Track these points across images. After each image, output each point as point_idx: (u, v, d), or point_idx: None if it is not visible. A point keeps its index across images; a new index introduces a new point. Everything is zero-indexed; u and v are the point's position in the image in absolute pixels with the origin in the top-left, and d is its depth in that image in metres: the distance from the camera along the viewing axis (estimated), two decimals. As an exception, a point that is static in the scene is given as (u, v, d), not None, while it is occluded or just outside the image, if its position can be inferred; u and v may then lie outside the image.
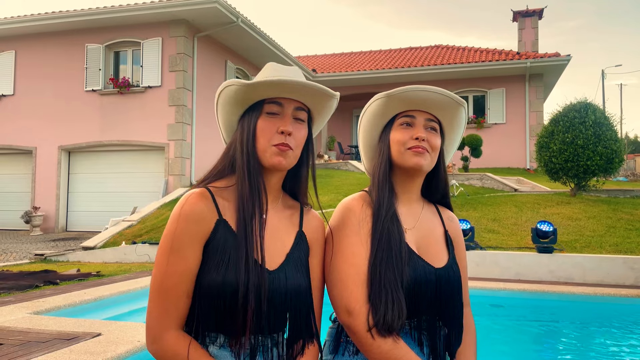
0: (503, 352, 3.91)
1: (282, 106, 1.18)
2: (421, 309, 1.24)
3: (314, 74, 17.13)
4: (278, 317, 1.13)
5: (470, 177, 12.13)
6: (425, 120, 1.31)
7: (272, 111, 1.18)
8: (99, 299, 4.70)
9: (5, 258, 8.07)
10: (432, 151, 1.30)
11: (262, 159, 1.16)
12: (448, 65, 16.03)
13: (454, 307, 1.28)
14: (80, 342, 3.09)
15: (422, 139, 1.28)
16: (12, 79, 12.84)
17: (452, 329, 1.28)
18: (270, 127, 1.16)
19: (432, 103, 1.30)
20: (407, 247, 1.26)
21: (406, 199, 1.35)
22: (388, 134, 1.35)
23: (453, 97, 1.29)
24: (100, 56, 12.21)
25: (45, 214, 12.04)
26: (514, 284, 5.46)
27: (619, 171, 10.91)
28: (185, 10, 11.09)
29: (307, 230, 1.27)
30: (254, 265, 1.09)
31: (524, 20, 17.85)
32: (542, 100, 16.29)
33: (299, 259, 1.20)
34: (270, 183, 1.22)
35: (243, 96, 1.19)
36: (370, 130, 1.40)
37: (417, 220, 1.35)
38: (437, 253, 1.32)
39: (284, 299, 1.13)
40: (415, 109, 1.32)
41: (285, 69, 1.21)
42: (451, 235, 1.40)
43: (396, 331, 1.15)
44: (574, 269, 5.75)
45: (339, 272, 1.22)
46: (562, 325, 4.68)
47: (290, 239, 1.22)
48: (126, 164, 12.16)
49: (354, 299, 1.19)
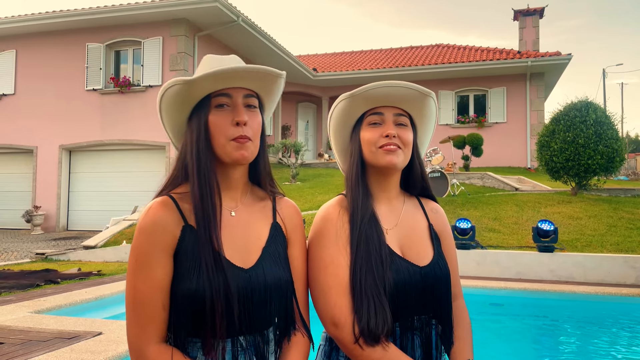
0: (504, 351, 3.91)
1: (231, 97, 1.12)
2: (410, 310, 1.22)
3: (315, 73, 17.12)
4: (262, 314, 1.10)
5: (471, 176, 12.12)
6: (394, 116, 1.28)
7: (221, 103, 1.12)
8: (100, 298, 4.70)
9: (6, 257, 8.08)
10: (405, 147, 1.27)
11: (222, 156, 1.11)
12: (449, 64, 16.01)
13: (446, 304, 1.27)
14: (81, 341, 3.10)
15: (393, 135, 1.24)
16: (13, 78, 12.86)
17: (445, 326, 1.27)
18: (223, 120, 1.11)
19: (398, 97, 1.27)
20: (388, 250, 1.23)
21: (385, 197, 1.32)
22: (358, 133, 1.31)
23: (418, 88, 1.26)
24: (101, 55, 12.22)
25: (46, 213, 12.05)
26: (515, 283, 5.45)
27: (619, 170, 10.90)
28: (185, 9, 11.09)
29: (282, 220, 1.23)
30: (221, 267, 1.05)
31: (524, 19, 17.83)
32: (543, 99, 16.27)
33: (276, 252, 1.17)
34: (234, 178, 1.17)
35: (187, 95, 1.12)
36: (340, 131, 1.37)
37: (399, 218, 1.32)
38: (422, 250, 1.29)
39: (264, 296, 1.09)
40: (382, 105, 1.28)
41: (223, 59, 1.16)
42: (436, 228, 1.36)
43: (384, 337, 1.13)
44: (575, 268, 5.75)
45: (321, 284, 1.20)
46: (562, 324, 4.68)
47: (265, 233, 1.18)
48: (127, 163, 12.17)
49: (339, 311, 1.16)
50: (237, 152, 1.10)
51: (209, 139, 1.12)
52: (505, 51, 16.98)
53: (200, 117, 1.12)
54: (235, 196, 1.19)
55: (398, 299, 1.19)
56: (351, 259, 1.20)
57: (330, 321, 1.18)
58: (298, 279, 1.21)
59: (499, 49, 17.51)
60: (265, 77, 1.15)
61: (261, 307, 1.10)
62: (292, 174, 12.37)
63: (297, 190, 10.71)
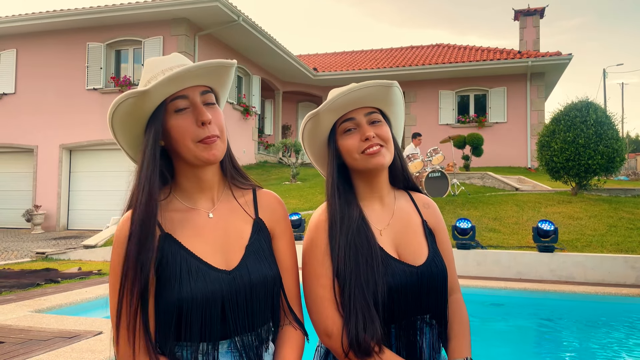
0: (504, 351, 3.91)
1: (188, 98, 1.07)
2: (407, 311, 1.21)
3: (315, 73, 17.11)
4: (251, 313, 1.08)
5: (472, 176, 12.12)
6: (365, 116, 1.26)
7: (180, 107, 1.07)
8: (100, 297, 4.70)
9: (6, 256, 8.08)
10: (386, 143, 1.25)
11: (191, 159, 1.08)
12: (449, 64, 16.00)
13: (441, 301, 1.26)
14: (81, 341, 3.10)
15: (372, 136, 1.22)
16: (14, 77, 12.85)
17: (440, 323, 1.26)
18: (186, 123, 1.06)
19: (363, 98, 1.25)
20: (383, 253, 1.21)
21: (377, 197, 1.31)
22: (335, 142, 1.28)
23: (380, 83, 1.24)
24: (102, 55, 12.21)
25: (46, 212, 12.05)
26: (515, 283, 5.45)
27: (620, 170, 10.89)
28: (186, 9, 11.09)
29: (264, 214, 1.20)
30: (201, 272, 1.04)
31: (525, 19, 17.82)
32: (544, 99, 16.26)
33: (260, 249, 1.14)
34: (206, 179, 1.14)
35: (141, 105, 1.06)
36: (316, 144, 1.34)
37: (392, 216, 1.30)
38: (417, 248, 1.27)
39: (250, 295, 1.07)
40: (351, 110, 1.26)
41: (164, 60, 1.12)
42: (430, 224, 1.34)
43: (376, 345, 1.12)
44: (575, 268, 5.75)
45: (314, 295, 1.19)
46: (563, 324, 4.67)
47: (247, 230, 1.15)
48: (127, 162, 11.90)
49: (331, 322, 1.16)
50: (207, 153, 1.07)
51: (173, 144, 1.08)
52: (506, 51, 16.97)
53: (158, 125, 1.07)
54: (210, 196, 1.17)
55: (394, 303, 1.18)
56: (338, 271, 1.18)
57: (323, 332, 1.17)
58: (286, 272, 1.18)
59: (499, 48, 17.50)
60: (219, 70, 1.11)
61: (249, 307, 1.07)
62: (292, 173, 12.37)
63: (297, 189, 10.71)
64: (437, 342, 1.27)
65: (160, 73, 1.08)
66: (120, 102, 1.05)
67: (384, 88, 1.25)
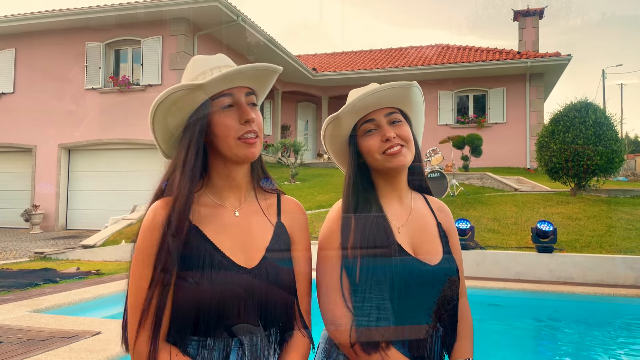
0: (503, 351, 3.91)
1: (234, 96, 1.12)
2: (419, 311, 1.21)
3: (315, 73, 17.11)
4: (264, 314, 1.09)
5: (471, 176, 12.12)
6: (386, 117, 1.27)
7: (226, 104, 1.11)
8: (99, 297, 4.70)
9: (5, 256, 8.07)
10: (407, 143, 1.26)
11: (230, 156, 1.11)
12: (448, 64, 16.01)
13: (453, 303, 1.26)
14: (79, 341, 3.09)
15: (393, 137, 1.24)
16: (12, 77, 12.84)
17: (449, 325, 1.26)
18: (231, 120, 1.10)
19: (383, 99, 1.26)
20: (399, 250, 1.22)
21: (396, 196, 1.32)
22: (355, 143, 1.30)
23: (399, 85, 1.25)
24: (101, 54, 12.20)
25: (45, 212, 12.03)
26: (514, 283, 5.46)
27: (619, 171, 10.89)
28: (185, 8, 11.08)
29: (286, 219, 1.23)
30: (223, 266, 1.06)
31: (524, 19, 17.82)
32: (543, 100, 16.27)
33: (280, 252, 1.17)
34: (237, 178, 1.17)
35: (189, 100, 1.10)
36: (337, 143, 1.36)
37: (409, 214, 1.32)
38: (432, 249, 1.29)
39: (265, 296, 1.09)
40: (371, 111, 1.27)
41: (214, 59, 1.16)
42: (444, 227, 1.36)
43: (384, 342, 1.12)
44: (574, 268, 5.75)
45: (327, 284, 1.21)
46: (562, 324, 4.68)
47: (269, 232, 1.18)
48: (126, 162, 12.15)
49: (340, 312, 1.17)
50: (247, 150, 1.11)
51: (215, 141, 1.11)
52: (505, 51, 16.98)
53: (203, 122, 1.11)
54: (239, 196, 1.19)
55: (408, 299, 1.19)
56: (353, 263, 1.19)
57: (331, 321, 1.18)
58: (300, 280, 1.20)
59: (498, 49, 17.51)
60: (267, 74, 1.16)
61: (262, 308, 1.09)
62: (291, 173, 12.36)
63: (296, 190, 10.71)
64: (443, 344, 1.27)
65: (208, 71, 1.12)
66: (174, 92, 1.08)
67: (403, 89, 1.27)
